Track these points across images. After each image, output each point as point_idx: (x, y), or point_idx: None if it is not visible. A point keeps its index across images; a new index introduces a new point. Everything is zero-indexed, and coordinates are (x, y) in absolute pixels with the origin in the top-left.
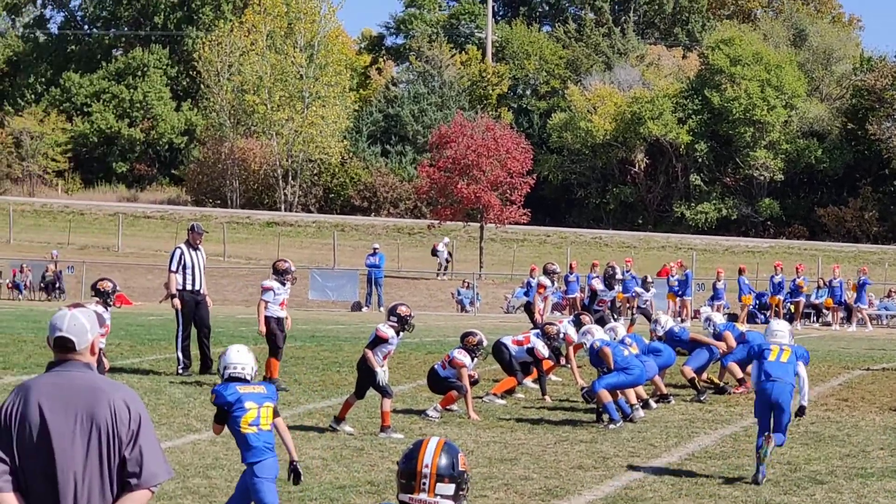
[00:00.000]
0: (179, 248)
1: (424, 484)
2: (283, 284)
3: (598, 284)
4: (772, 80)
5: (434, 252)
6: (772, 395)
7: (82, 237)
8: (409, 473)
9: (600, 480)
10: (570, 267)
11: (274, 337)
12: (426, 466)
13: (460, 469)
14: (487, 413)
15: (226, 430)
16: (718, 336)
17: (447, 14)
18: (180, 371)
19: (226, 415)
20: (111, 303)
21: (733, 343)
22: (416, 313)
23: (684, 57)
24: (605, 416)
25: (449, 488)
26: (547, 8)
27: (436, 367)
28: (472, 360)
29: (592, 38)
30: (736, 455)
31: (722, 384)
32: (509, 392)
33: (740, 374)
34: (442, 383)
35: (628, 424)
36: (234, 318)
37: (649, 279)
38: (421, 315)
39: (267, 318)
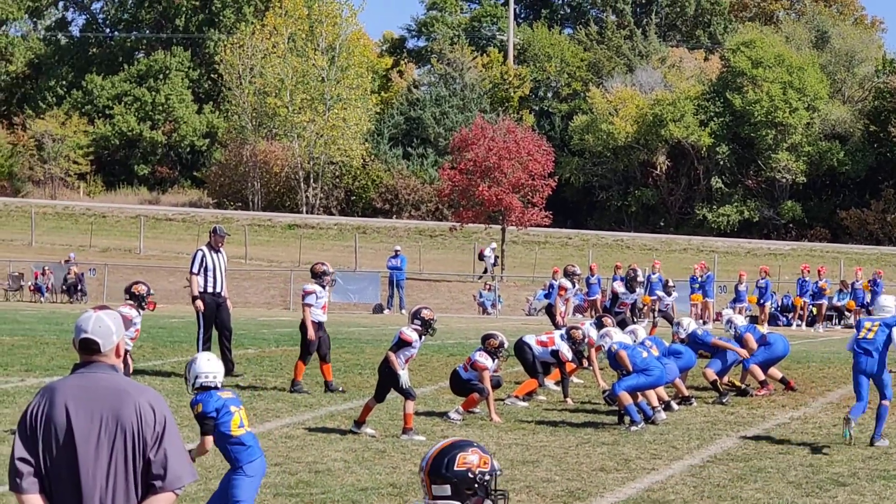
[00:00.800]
0: (201, 250)
1: (423, 486)
2: (323, 287)
3: (620, 287)
4: (794, 82)
5: (481, 256)
6: (860, 366)
7: (104, 240)
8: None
9: (622, 482)
10: (591, 269)
11: (309, 342)
12: (421, 470)
13: (455, 469)
14: (509, 415)
15: None
16: (739, 338)
17: (469, 16)
18: None
19: (212, 423)
20: (145, 306)
21: (754, 345)
22: (438, 315)
23: (706, 59)
24: (627, 418)
25: (444, 489)
26: (568, 10)
27: (458, 369)
28: (494, 362)
29: (614, 40)
30: (758, 457)
31: (744, 386)
32: (531, 394)
33: (762, 377)
34: (464, 385)
35: (650, 426)
36: (255, 320)
37: (671, 283)
38: (442, 317)
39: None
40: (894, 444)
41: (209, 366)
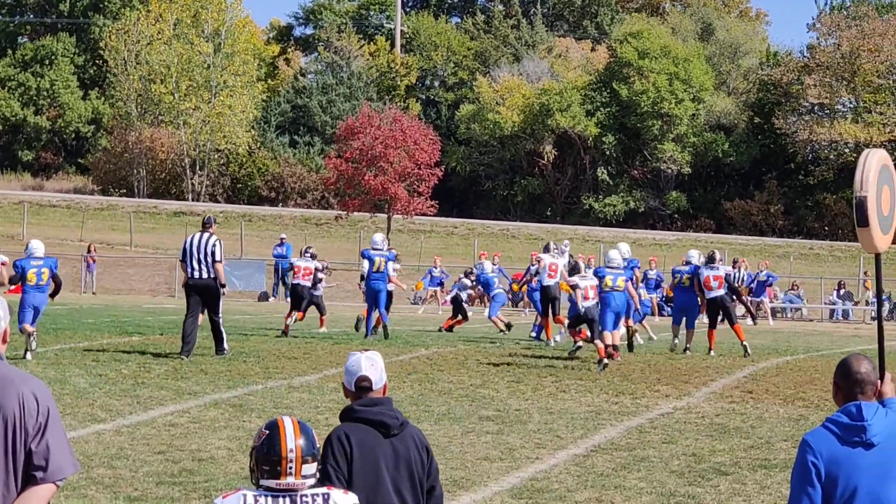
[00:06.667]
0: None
1: (291, 468)
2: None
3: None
4: (679, 73)
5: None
6: None
7: None
8: (273, 459)
9: (506, 472)
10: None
11: None
12: (291, 451)
13: (318, 446)
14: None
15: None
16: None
17: (356, 4)
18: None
19: None
20: None
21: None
22: (327, 304)
23: (593, 49)
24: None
25: (312, 468)
26: None
27: None
28: None
29: (501, 29)
30: (642, 446)
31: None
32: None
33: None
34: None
35: (534, 416)
36: (140, 307)
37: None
38: (329, 306)
39: None
40: (775, 435)
41: None
